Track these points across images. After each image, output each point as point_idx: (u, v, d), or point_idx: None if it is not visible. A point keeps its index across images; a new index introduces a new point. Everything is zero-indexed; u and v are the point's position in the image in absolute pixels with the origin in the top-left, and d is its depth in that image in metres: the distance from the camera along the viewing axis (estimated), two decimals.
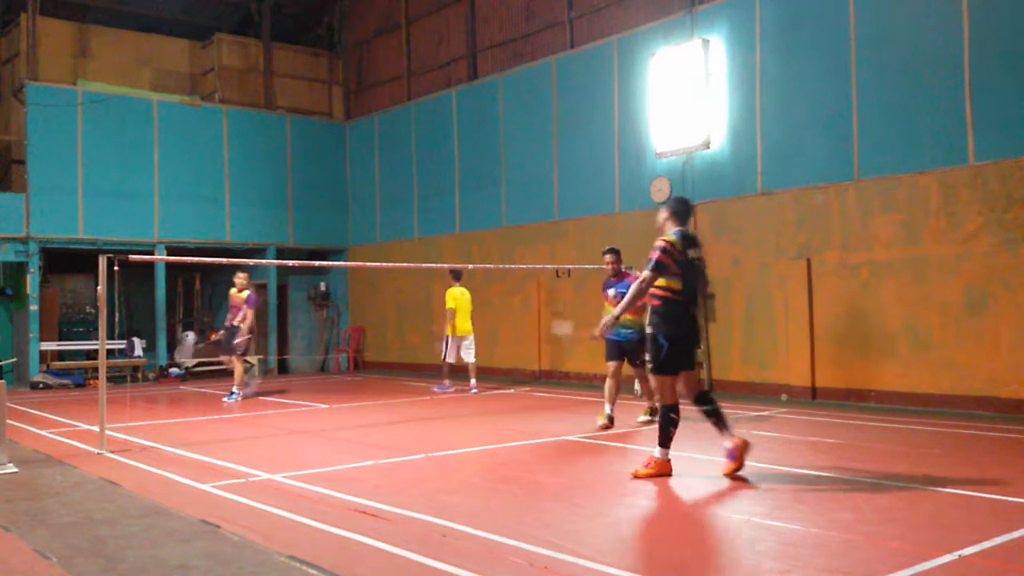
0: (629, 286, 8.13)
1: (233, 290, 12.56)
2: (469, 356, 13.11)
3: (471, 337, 13.13)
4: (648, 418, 8.99)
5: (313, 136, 19.13)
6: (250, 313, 12.41)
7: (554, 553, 4.33)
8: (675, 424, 6.21)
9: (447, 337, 13.18)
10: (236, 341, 12.36)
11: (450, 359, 13.25)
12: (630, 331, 8.80)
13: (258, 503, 5.56)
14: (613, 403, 8.91)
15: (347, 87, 20.01)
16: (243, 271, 12.73)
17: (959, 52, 9.88)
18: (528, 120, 15.29)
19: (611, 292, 9.23)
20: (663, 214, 6.35)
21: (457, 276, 13.19)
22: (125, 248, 15.85)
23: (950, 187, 9.91)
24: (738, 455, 6.06)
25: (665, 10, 13.20)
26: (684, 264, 6.09)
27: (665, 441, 6.17)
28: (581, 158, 14.31)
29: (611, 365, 9.08)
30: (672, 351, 6.11)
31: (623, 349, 9.05)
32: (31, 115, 15.59)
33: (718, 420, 6.19)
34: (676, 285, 6.08)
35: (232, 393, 12.27)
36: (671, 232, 6.17)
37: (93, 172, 16.14)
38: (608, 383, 8.98)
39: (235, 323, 12.37)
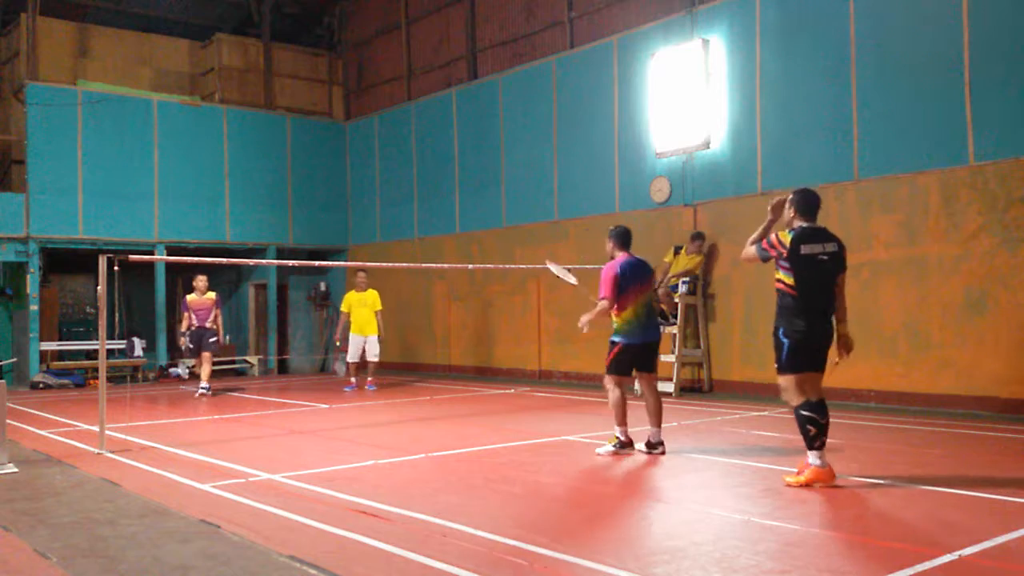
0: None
1: (193, 295, 13.35)
2: (351, 355, 13.86)
3: (372, 337, 13.83)
4: (612, 448, 7.26)
5: (313, 136, 19.13)
6: (219, 313, 13.66)
7: (554, 553, 4.33)
8: (814, 423, 5.72)
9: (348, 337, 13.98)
10: (212, 340, 13.38)
11: (350, 359, 13.88)
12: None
13: (258, 503, 5.56)
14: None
15: (347, 87, 20.01)
16: (202, 274, 13.68)
17: (959, 52, 9.88)
18: (528, 120, 15.29)
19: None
20: (788, 211, 6.13)
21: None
22: (125, 248, 15.85)
23: (950, 187, 9.91)
24: (805, 474, 5.83)
25: (665, 10, 13.20)
26: (796, 260, 5.87)
27: (810, 444, 5.74)
28: (581, 158, 14.32)
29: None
30: (792, 349, 5.85)
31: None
32: (31, 115, 15.58)
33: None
34: (788, 280, 5.91)
35: (205, 387, 13.17)
36: (791, 229, 6.01)
37: (93, 172, 16.13)
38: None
39: (206, 325, 13.31)
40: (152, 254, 16.15)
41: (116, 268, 7.85)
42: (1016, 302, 9.35)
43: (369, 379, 13.87)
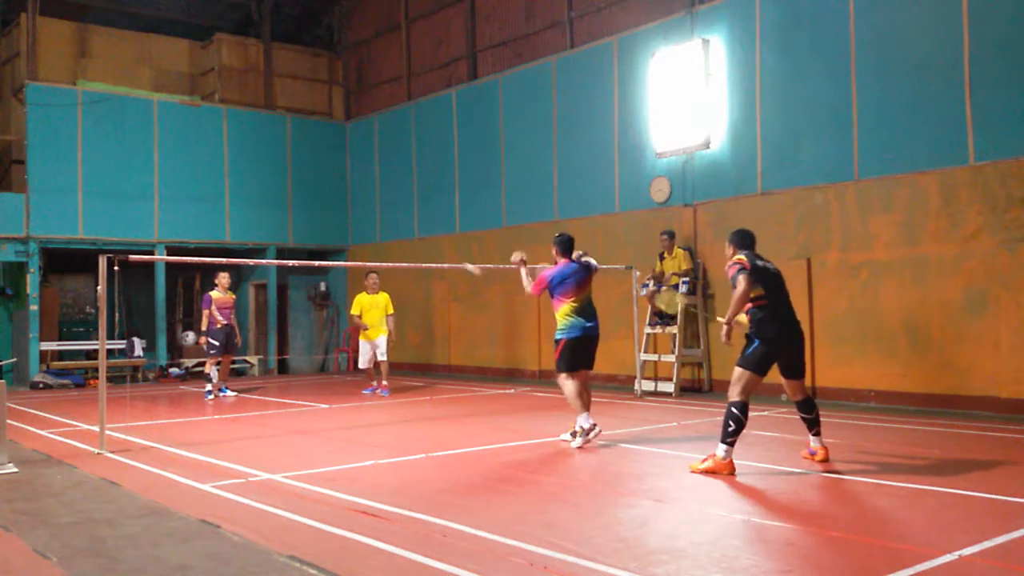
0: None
1: (217, 292, 12.92)
2: (364, 361, 13.16)
3: (381, 338, 13.04)
4: (580, 440, 7.63)
5: (313, 136, 19.13)
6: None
7: (554, 553, 4.33)
8: (739, 421, 6.19)
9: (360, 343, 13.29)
10: (236, 340, 13.15)
11: (362, 365, 13.23)
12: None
13: (258, 503, 5.56)
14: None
15: (347, 87, 20.01)
16: (224, 271, 13.23)
17: (959, 52, 9.88)
18: (528, 120, 15.29)
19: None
20: (728, 249, 6.73)
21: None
22: (125, 248, 15.85)
23: (950, 187, 9.91)
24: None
25: (665, 10, 13.20)
26: (759, 272, 6.41)
27: (726, 437, 6.22)
28: (581, 158, 14.31)
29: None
30: (762, 350, 6.39)
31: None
32: (31, 115, 15.58)
33: (811, 424, 6.69)
34: (757, 292, 6.43)
35: (225, 389, 13.22)
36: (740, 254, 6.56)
37: (93, 172, 16.14)
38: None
39: (231, 323, 13.01)
40: (152, 254, 16.15)
41: (116, 268, 7.85)
42: (1016, 302, 9.34)
43: (384, 383, 13.01)
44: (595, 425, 7.71)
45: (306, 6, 20.22)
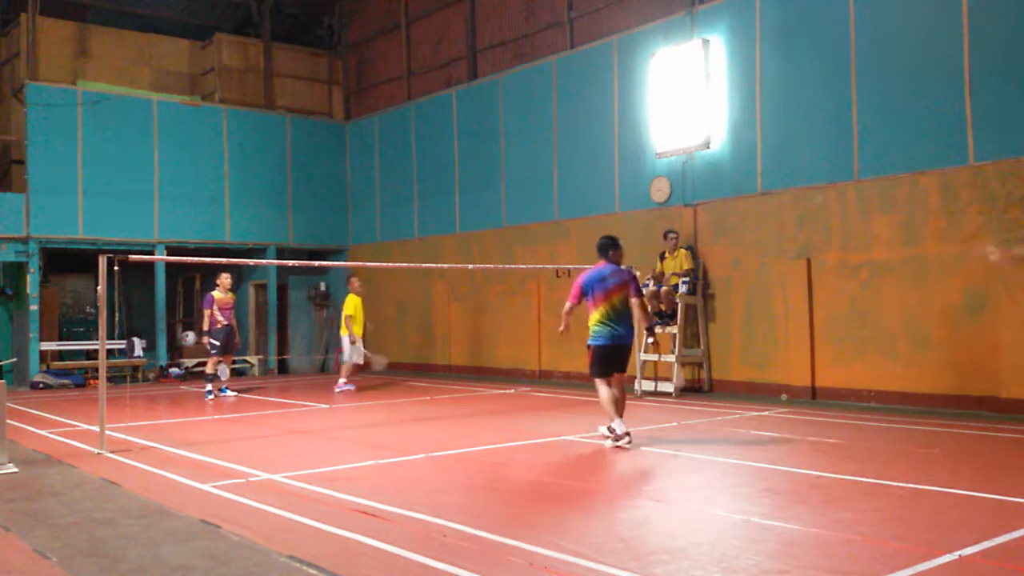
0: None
1: (219, 292, 13.05)
2: (358, 356, 13.67)
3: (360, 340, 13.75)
4: (612, 443, 7.60)
5: (313, 136, 19.13)
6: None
7: (554, 553, 4.33)
8: None
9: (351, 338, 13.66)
10: (236, 340, 13.24)
11: (359, 361, 13.66)
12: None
13: (258, 503, 5.56)
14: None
15: (347, 87, 20.01)
16: (226, 272, 13.40)
17: (959, 52, 9.88)
18: (528, 120, 15.29)
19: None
20: None
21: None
22: (125, 248, 15.84)
23: (950, 187, 9.91)
24: None
25: (665, 10, 13.20)
26: None
27: None
28: (581, 158, 14.32)
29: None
30: None
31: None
32: (31, 115, 15.58)
33: None
34: None
35: (226, 389, 13.30)
36: None
37: (93, 172, 16.13)
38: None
39: (231, 323, 13.12)
40: (152, 254, 16.15)
41: (116, 268, 7.86)
42: (1016, 302, 9.34)
43: (343, 380, 13.76)
44: (628, 434, 7.53)
45: (306, 6, 20.21)
